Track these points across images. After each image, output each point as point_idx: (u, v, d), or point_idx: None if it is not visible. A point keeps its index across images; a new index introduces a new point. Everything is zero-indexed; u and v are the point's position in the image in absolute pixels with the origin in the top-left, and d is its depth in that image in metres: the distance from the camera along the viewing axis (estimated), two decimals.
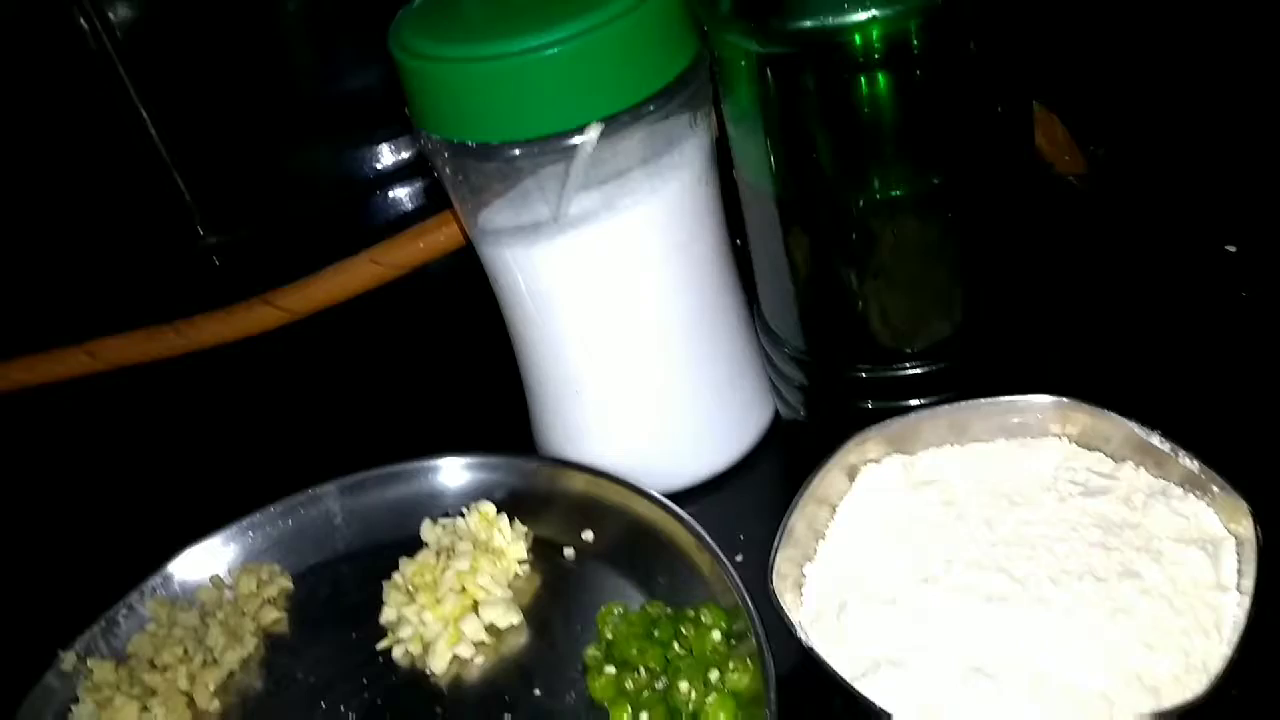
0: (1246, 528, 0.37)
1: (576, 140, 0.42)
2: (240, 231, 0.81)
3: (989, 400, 0.44)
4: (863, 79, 0.40)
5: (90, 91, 0.74)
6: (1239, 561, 0.38)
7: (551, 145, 0.42)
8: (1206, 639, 0.36)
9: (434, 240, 0.65)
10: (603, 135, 0.42)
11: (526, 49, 0.41)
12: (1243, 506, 0.38)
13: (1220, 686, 0.34)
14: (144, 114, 0.75)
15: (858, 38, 0.39)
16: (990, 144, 0.43)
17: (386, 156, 0.82)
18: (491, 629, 0.47)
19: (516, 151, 0.43)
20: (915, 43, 0.40)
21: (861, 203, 0.43)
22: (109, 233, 0.78)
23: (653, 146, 0.44)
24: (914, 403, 0.46)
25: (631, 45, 0.42)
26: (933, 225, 0.44)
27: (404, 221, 0.71)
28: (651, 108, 0.43)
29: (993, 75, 0.42)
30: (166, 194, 0.78)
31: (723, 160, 0.47)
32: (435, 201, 0.72)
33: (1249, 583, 0.36)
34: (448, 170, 0.46)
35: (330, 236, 0.79)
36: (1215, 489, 0.39)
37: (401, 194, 0.81)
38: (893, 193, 0.43)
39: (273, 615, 0.50)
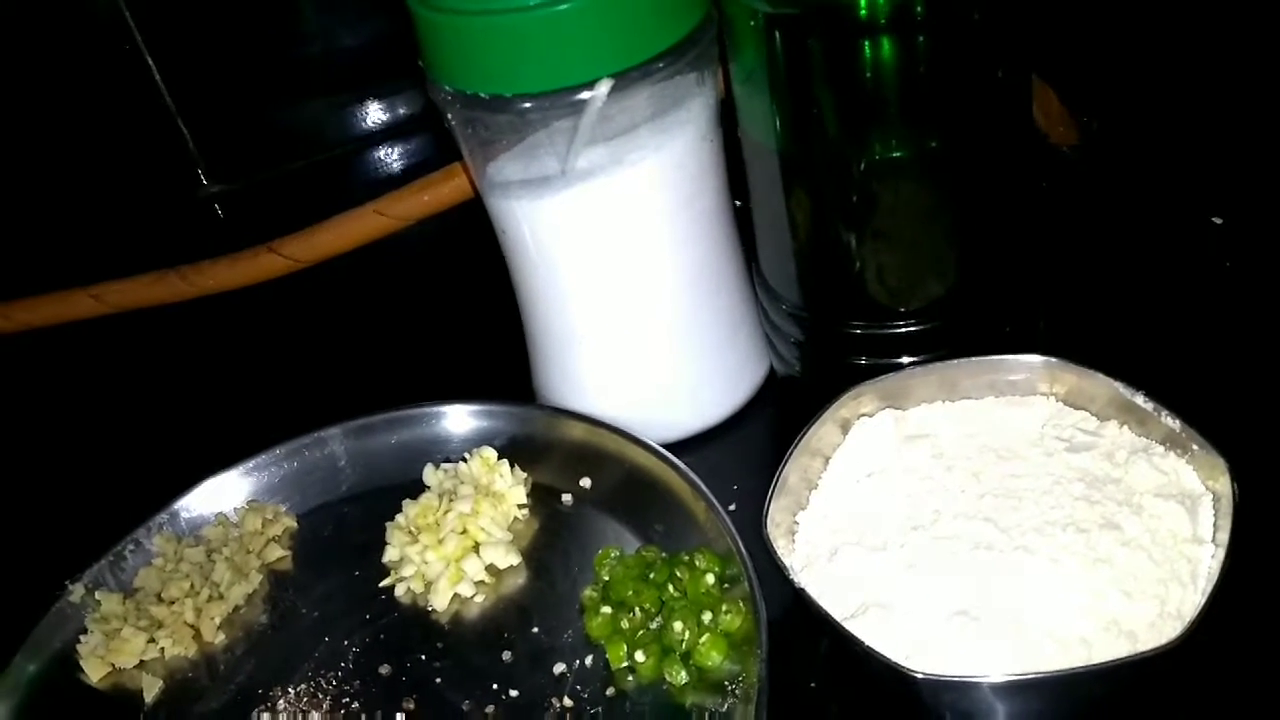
0: (1224, 484, 0.39)
1: (587, 95, 0.43)
2: (242, 181, 0.81)
3: (980, 359, 0.45)
4: (867, 42, 0.41)
5: (98, 39, 0.74)
6: (1215, 516, 0.39)
7: (562, 99, 0.43)
8: (1182, 588, 0.37)
9: (439, 193, 0.66)
10: (612, 91, 0.43)
11: (541, 3, 0.41)
12: (1220, 464, 0.39)
13: (1194, 633, 0.35)
14: (150, 62, 0.75)
15: (864, 1, 0.40)
16: (989, 111, 0.44)
17: (389, 110, 0.82)
18: (491, 569, 0.48)
19: (528, 105, 0.44)
20: (920, 8, 0.41)
21: (862, 164, 0.44)
22: (113, 179, 0.79)
23: (660, 103, 0.45)
24: (906, 360, 0.47)
25: (643, 3, 0.43)
26: (931, 188, 0.45)
27: (406, 176, 0.72)
28: (660, 65, 0.44)
29: (994, 44, 0.43)
30: (171, 142, 0.78)
31: (727, 119, 0.48)
32: (437, 156, 0.73)
33: (1224, 536, 0.38)
34: (459, 122, 0.47)
35: (331, 189, 0.81)
36: (1195, 447, 0.41)
37: (403, 149, 0.82)
38: (893, 155, 0.44)
39: (277, 553, 0.51)
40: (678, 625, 0.43)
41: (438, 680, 0.45)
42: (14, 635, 0.48)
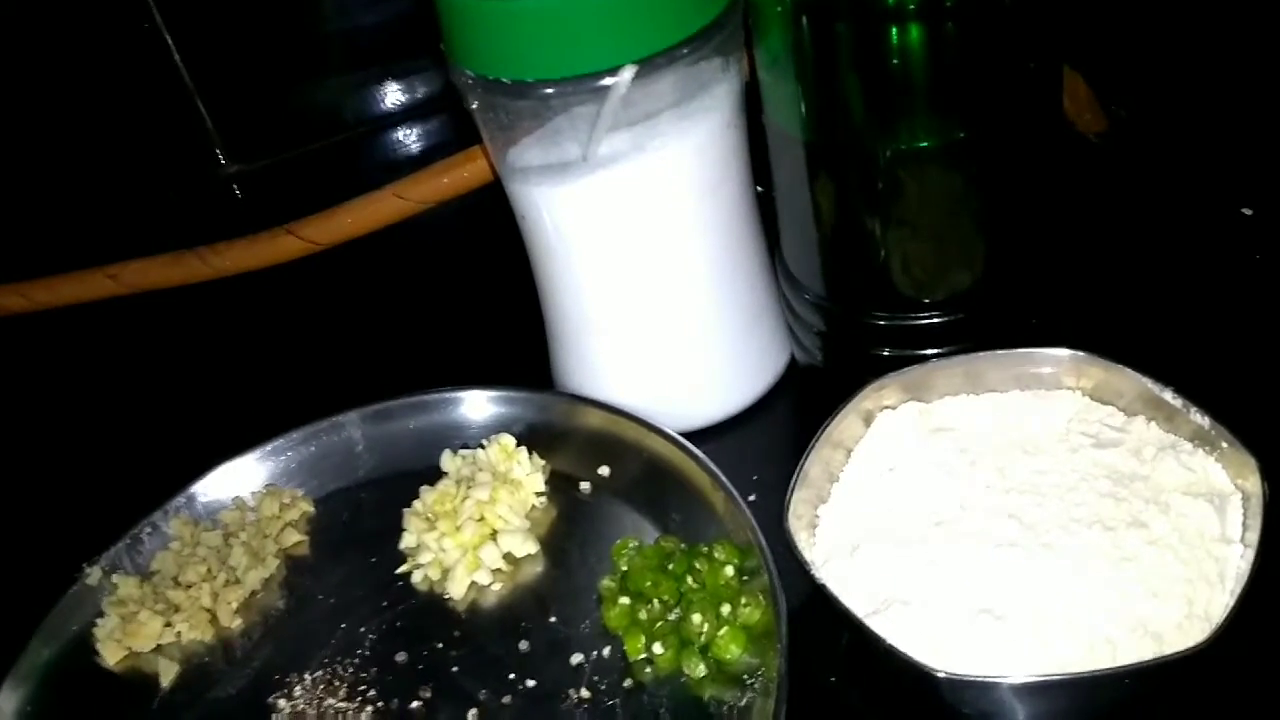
0: (1254, 483, 0.38)
1: (610, 81, 0.42)
2: (261, 161, 0.81)
3: (1005, 351, 0.45)
4: (895, 29, 0.41)
5: (117, 18, 0.74)
6: (1244, 515, 0.39)
7: (585, 85, 0.43)
8: (1210, 589, 0.37)
9: (459, 176, 0.65)
10: (636, 77, 0.42)
11: None
12: (1251, 462, 0.39)
13: (1222, 635, 0.35)
14: (169, 41, 0.75)
15: None
16: (1019, 100, 0.43)
17: (409, 91, 0.82)
18: (509, 557, 0.48)
19: (550, 90, 0.43)
20: None
21: (889, 152, 0.43)
22: (132, 158, 0.79)
23: (684, 90, 0.45)
24: (930, 352, 0.47)
25: None
26: (958, 177, 0.44)
27: (426, 157, 0.72)
28: (685, 51, 0.43)
29: (1025, 31, 0.42)
30: (189, 122, 0.78)
31: (751, 105, 0.48)
32: (458, 138, 0.72)
33: (1253, 535, 0.38)
34: (480, 107, 0.46)
35: (350, 170, 0.80)
36: (1224, 445, 0.40)
37: (423, 130, 0.81)
38: (920, 143, 0.43)
39: (294, 538, 0.51)
40: (696, 617, 0.43)
41: (454, 669, 0.45)
42: (31, 618, 0.48)
